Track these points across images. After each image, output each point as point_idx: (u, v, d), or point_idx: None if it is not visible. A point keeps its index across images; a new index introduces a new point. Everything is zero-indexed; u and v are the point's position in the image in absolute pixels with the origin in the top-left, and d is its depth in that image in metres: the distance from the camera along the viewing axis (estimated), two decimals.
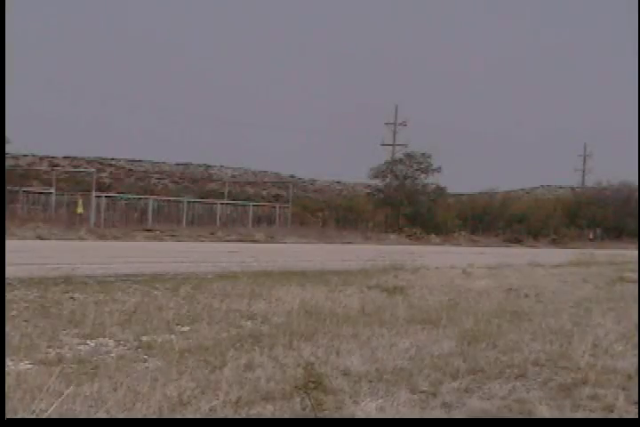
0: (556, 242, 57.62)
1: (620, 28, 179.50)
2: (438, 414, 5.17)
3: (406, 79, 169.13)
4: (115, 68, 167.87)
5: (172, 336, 7.45)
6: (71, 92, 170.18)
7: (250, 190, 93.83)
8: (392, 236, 50.26)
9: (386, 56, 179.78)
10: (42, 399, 4.74)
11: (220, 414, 4.85)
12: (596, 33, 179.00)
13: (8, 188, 37.18)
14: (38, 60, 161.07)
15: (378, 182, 62.03)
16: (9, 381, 5.12)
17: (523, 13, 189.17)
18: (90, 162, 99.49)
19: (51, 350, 6.60)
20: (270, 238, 38.95)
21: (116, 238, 32.32)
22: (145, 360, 6.39)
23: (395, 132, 65.28)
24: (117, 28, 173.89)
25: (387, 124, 66.10)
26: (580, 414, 5.33)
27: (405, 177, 60.57)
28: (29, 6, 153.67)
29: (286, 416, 4.89)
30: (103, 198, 42.41)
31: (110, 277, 12.97)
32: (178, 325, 8.17)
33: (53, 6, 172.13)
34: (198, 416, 4.76)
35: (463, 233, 56.31)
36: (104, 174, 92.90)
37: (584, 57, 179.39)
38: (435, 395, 5.61)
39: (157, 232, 37.03)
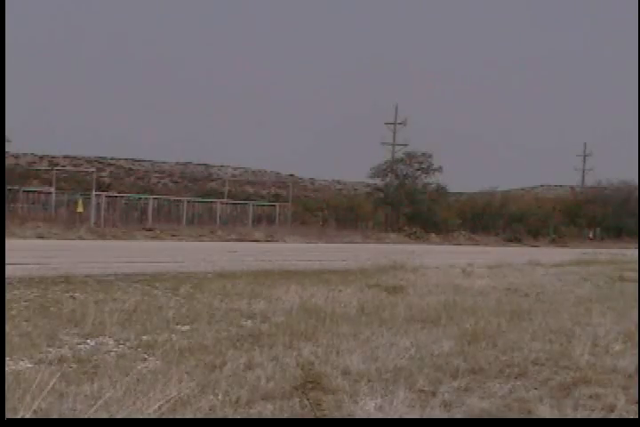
0: (556, 241, 57.65)
1: (619, 27, 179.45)
2: (438, 413, 5.17)
3: (406, 79, 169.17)
4: (115, 68, 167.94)
5: (172, 335, 7.44)
6: (71, 91, 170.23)
7: (250, 190, 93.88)
8: (392, 235, 50.27)
9: (387, 56, 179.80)
10: (42, 399, 4.74)
11: (220, 414, 4.85)
12: (595, 33, 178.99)
13: (8, 187, 37.16)
14: (38, 60, 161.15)
15: (378, 182, 62.08)
16: (9, 380, 5.12)
17: (523, 14, 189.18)
18: (90, 161, 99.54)
19: (51, 349, 6.60)
20: (270, 238, 38.96)
21: (116, 238, 32.33)
22: (145, 360, 6.39)
23: (395, 132, 65.26)
24: (118, 27, 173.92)
25: (387, 123, 66.09)
26: (580, 414, 5.33)
27: (406, 176, 60.58)
28: (30, 6, 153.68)
29: (286, 416, 4.89)
30: (103, 198, 42.40)
31: (110, 276, 12.97)
32: (178, 324, 8.17)
33: (53, 6, 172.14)
34: (198, 416, 4.76)
35: (463, 232, 56.33)
36: (104, 174, 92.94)
37: (584, 57, 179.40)
38: (434, 394, 5.61)
39: (157, 231, 37.03)
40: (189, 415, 4.75)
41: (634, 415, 5.35)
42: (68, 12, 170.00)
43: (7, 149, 41.63)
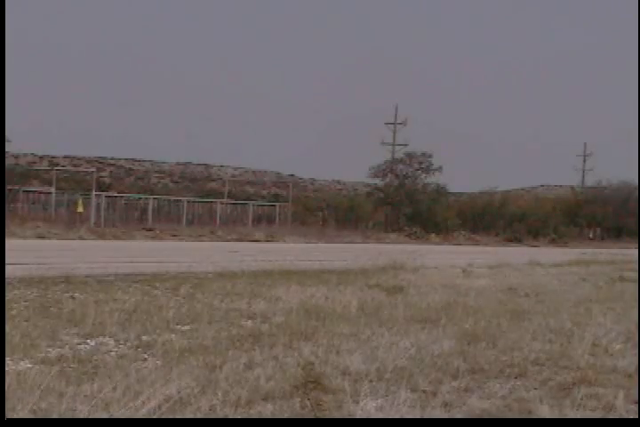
0: (556, 241, 57.65)
1: (619, 27, 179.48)
2: (438, 413, 5.17)
3: (406, 79, 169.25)
4: (115, 68, 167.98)
5: (172, 336, 7.44)
6: (72, 91, 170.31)
7: (250, 190, 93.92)
8: (392, 235, 50.28)
9: (387, 56, 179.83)
10: (42, 399, 4.74)
11: (220, 414, 4.85)
12: (595, 33, 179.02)
13: (8, 187, 37.16)
14: (38, 60, 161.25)
15: (378, 182, 62.11)
16: (9, 380, 5.12)
17: (522, 15, 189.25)
18: (90, 161, 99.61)
19: (51, 349, 6.60)
20: (270, 238, 38.96)
21: (116, 238, 32.32)
22: (145, 360, 6.39)
23: (395, 132, 65.24)
24: (118, 28, 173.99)
25: (387, 124, 66.08)
26: (580, 414, 5.33)
27: (406, 176, 60.59)
28: (30, 6, 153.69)
29: (286, 416, 4.89)
30: (103, 198, 42.41)
31: (110, 276, 12.97)
32: (178, 324, 8.17)
33: (54, 7, 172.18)
34: (198, 416, 4.76)
35: (463, 232, 56.34)
36: (104, 174, 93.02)
37: (584, 57, 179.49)
38: (435, 394, 5.61)
39: (157, 231, 37.04)
40: (189, 415, 4.75)
41: (634, 415, 5.36)
42: (68, 12, 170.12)
43: (7, 148, 41.68)
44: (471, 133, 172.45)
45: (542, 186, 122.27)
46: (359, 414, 4.98)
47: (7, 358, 5.94)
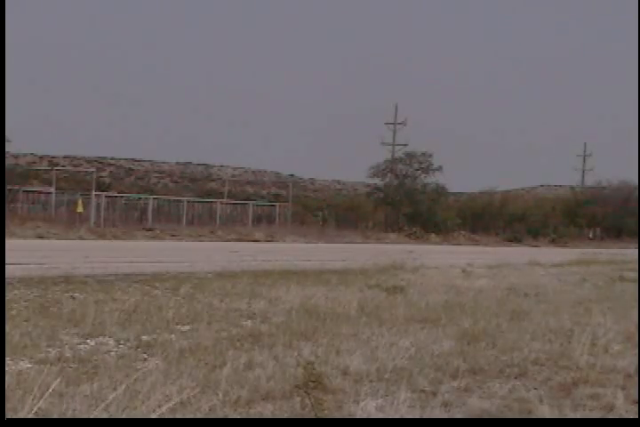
0: (556, 241, 57.65)
1: (619, 27, 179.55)
2: (438, 413, 5.17)
3: (406, 79, 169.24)
4: (115, 68, 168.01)
5: (172, 336, 7.45)
6: (71, 92, 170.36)
7: (250, 190, 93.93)
8: (392, 235, 50.25)
9: (386, 56, 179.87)
10: (42, 399, 4.74)
11: (220, 414, 4.85)
12: (595, 33, 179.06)
13: (8, 187, 37.15)
14: (39, 60, 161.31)
15: (377, 181, 62.03)
16: (9, 380, 5.12)
17: (522, 15, 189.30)
18: (90, 161, 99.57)
19: (51, 349, 6.60)
20: (270, 238, 38.95)
21: (116, 238, 32.31)
22: (145, 360, 6.39)
23: (394, 132, 65.19)
24: (118, 27, 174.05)
25: (387, 123, 66.00)
26: (579, 414, 5.34)
27: (405, 176, 60.51)
28: (30, 6, 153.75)
29: (286, 416, 4.89)
30: (103, 198, 42.40)
31: (110, 276, 12.97)
32: (178, 324, 8.17)
33: (54, 6, 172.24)
34: (198, 416, 4.76)
35: (463, 232, 56.32)
36: (104, 174, 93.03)
37: (584, 57, 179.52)
38: (435, 394, 5.61)
39: (157, 231, 37.03)
40: (189, 415, 4.75)
41: (633, 415, 5.36)
42: (68, 12, 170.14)
43: (7, 148, 41.64)
44: (471, 133, 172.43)
45: (542, 186, 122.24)
46: (359, 414, 4.98)
47: (7, 358, 5.94)
